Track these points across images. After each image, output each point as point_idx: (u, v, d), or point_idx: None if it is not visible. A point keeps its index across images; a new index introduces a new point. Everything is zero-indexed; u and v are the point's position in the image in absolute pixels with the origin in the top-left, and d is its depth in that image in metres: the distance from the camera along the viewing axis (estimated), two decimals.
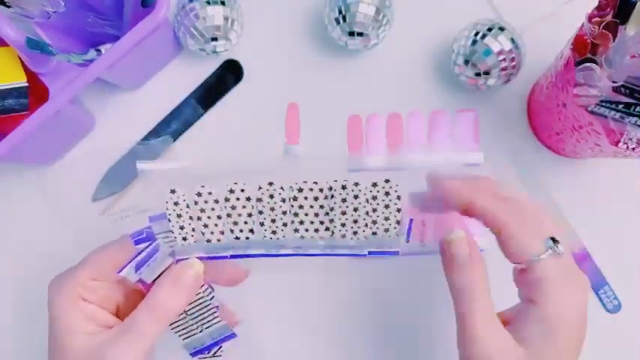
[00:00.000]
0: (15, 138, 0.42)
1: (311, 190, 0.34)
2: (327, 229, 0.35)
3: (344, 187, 0.34)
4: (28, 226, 0.51)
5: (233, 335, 0.38)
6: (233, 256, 0.36)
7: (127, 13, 0.45)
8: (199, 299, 0.37)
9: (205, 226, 0.35)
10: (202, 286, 0.37)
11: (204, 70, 0.52)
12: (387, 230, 0.34)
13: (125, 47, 0.42)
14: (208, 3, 0.47)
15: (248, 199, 0.35)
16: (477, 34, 0.47)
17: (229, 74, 0.52)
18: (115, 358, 0.32)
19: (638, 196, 0.50)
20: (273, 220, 0.35)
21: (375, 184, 0.34)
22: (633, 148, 0.38)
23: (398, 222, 0.34)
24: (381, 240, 0.34)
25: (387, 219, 0.34)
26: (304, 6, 0.53)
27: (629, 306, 0.49)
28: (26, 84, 0.44)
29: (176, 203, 0.34)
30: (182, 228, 0.35)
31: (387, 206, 0.34)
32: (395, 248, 0.35)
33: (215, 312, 0.37)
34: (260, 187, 0.34)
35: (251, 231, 0.35)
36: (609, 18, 0.37)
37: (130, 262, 0.35)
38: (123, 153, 0.51)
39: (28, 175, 0.51)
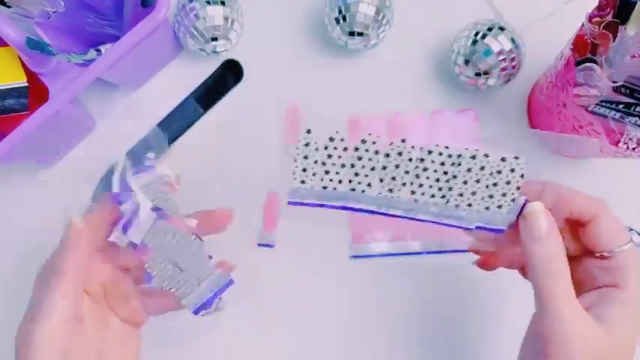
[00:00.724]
0: (15, 138, 0.42)
1: (440, 154, 0.34)
2: (443, 196, 0.34)
3: (473, 157, 0.34)
4: (28, 226, 0.51)
5: (231, 282, 0.37)
6: (344, 208, 0.35)
7: (127, 13, 0.45)
8: (191, 253, 0.35)
9: (327, 172, 0.35)
10: (193, 237, 0.35)
11: (204, 70, 0.52)
12: (500, 207, 0.34)
13: (125, 47, 0.42)
14: (208, 3, 0.47)
15: (377, 152, 0.34)
16: (477, 34, 0.47)
17: (229, 74, 0.52)
18: (30, 335, 0.31)
19: (638, 196, 0.50)
20: (394, 178, 0.34)
21: (504, 159, 0.34)
22: (633, 148, 0.38)
23: (513, 200, 0.34)
24: (491, 216, 0.34)
25: (504, 195, 0.34)
26: (304, 6, 0.53)
27: None
28: (26, 84, 0.44)
29: (307, 144, 0.35)
30: (304, 170, 0.35)
31: (508, 182, 0.34)
32: (501, 226, 0.34)
33: (206, 263, 0.36)
34: (392, 142, 0.34)
35: (369, 185, 0.35)
36: (609, 18, 0.37)
37: (116, 225, 0.35)
38: (123, 153, 0.51)
39: (28, 175, 0.51)
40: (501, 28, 0.46)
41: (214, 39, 0.48)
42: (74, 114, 0.48)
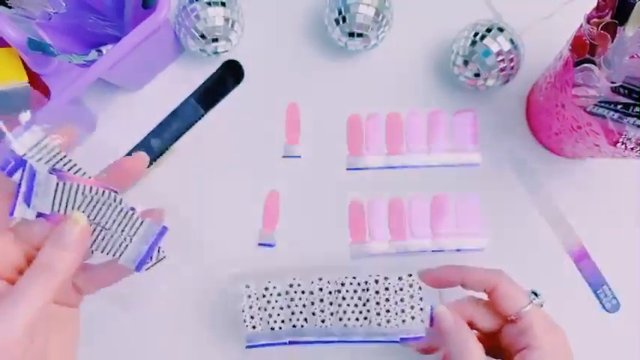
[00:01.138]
0: None
1: (351, 284, 0.41)
2: (365, 318, 0.41)
3: (376, 282, 0.41)
4: None
5: (164, 229, 0.34)
6: (291, 342, 0.42)
7: (127, 14, 0.46)
8: (109, 209, 0.32)
9: (270, 315, 0.42)
10: (107, 193, 0.32)
11: (205, 70, 0.52)
12: (413, 318, 0.40)
13: (126, 48, 0.43)
14: (209, 4, 0.47)
15: (303, 292, 0.42)
16: (476, 34, 0.47)
17: (230, 75, 0.52)
18: None
19: (637, 196, 0.51)
20: (322, 310, 0.42)
21: (400, 278, 0.41)
22: (632, 148, 0.38)
23: (421, 309, 0.40)
24: (409, 327, 0.40)
25: (412, 307, 0.40)
26: (304, 7, 0.53)
27: (627, 305, 0.49)
28: (27, 84, 0.44)
29: (249, 296, 0.42)
30: (252, 317, 0.42)
31: (411, 296, 0.40)
32: (420, 333, 0.40)
33: (133, 213, 0.33)
34: (312, 282, 0.42)
35: (305, 320, 0.42)
36: (608, 19, 0.37)
37: (16, 198, 0.30)
38: (123, 154, 0.51)
39: None
40: (500, 29, 0.47)
41: (215, 40, 0.48)
42: (75, 114, 0.48)
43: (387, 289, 0.41)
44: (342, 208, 0.51)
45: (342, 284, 0.41)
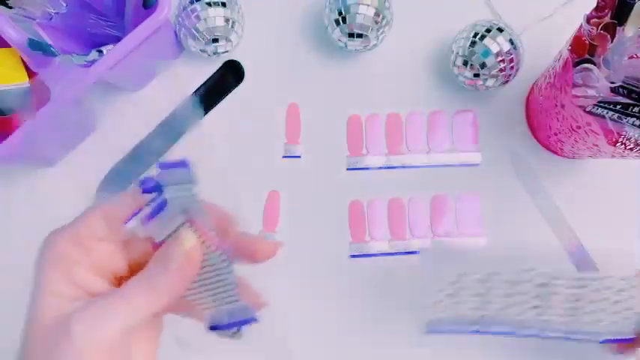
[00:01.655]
0: (16, 139, 0.42)
1: (566, 279, 0.38)
2: (571, 315, 0.38)
3: (595, 279, 0.38)
4: (28, 227, 0.51)
5: (252, 320, 0.33)
6: (478, 332, 0.39)
7: (128, 15, 0.46)
8: (215, 272, 0.32)
9: (458, 302, 0.39)
10: (222, 257, 0.32)
11: (205, 71, 0.52)
12: (626, 319, 0.37)
13: (126, 48, 0.43)
14: (209, 4, 0.47)
15: (505, 281, 0.38)
16: (475, 35, 0.47)
17: (230, 75, 0.52)
18: (81, 334, 0.26)
19: (636, 196, 0.51)
20: (523, 303, 0.38)
21: (624, 278, 0.37)
22: (631, 148, 0.39)
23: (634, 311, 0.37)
24: (619, 327, 0.37)
25: (628, 309, 0.37)
26: (304, 7, 0.53)
27: None
28: (28, 84, 0.44)
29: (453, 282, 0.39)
30: (440, 301, 0.39)
31: (632, 297, 0.37)
32: (629, 335, 0.37)
33: (232, 289, 0.32)
34: (518, 272, 0.39)
35: (499, 310, 0.39)
36: (607, 19, 0.37)
37: (136, 213, 0.30)
38: (124, 154, 0.51)
39: (30, 176, 0.52)
40: (500, 30, 0.47)
41: (215, 40, 0.48)
42: (75, 114, 0.48)
43: (608, 287, 0.37)
44: (342, 208, 0.51)
45: (556, 278, 0.38)
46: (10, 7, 0.41)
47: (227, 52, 0.50)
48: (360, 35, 0.48)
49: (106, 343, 0.26)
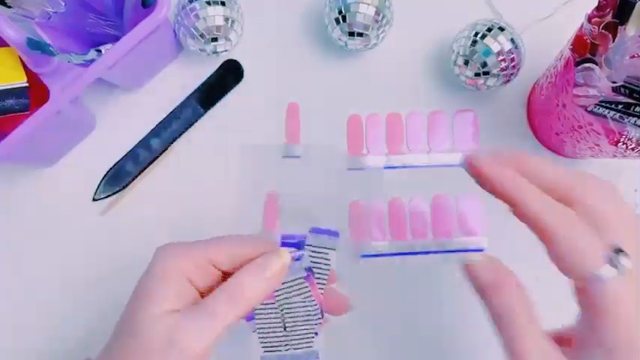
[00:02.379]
0: (15, 138, 0.42)
1: None
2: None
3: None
4: (28, 227, 0.51)
5: None
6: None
7: (127, 14, 0.45)
8: (305, 322, 0.35)
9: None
10: (317, 313, 0.35)
11: (205, 70, 0.52)
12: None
13: (125, 47, 0.42)
14: (209, 3, 0.47)
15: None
16: (476, 34, 0.47)
17: (229, 74, 0.52)
18: (184, 340, 0.29)
19: (637, 197, 0.50)
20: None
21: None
22: (633, 148, 0.38)
23: None
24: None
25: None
26: (304, 6, 0.53)
27: None
28: (26, 84, 0.44)
29: None
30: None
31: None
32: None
33: (313, 337, 0.36)
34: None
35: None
36: (609, 18, 0.37)
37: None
38: (123, 153, 0.51)
39: (29, 176, 0.51)
40: (501, 29, 0.46)
41: (214, 39, 0.48)
42: (75, 114, 0.48)
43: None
44: (342, 208, 0.51)
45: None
46: (9, 7, 0.41)
47: (226, 51, 0.50)
48: (360, 34, 0.48)
49: (203, 352, 0.30)
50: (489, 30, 0.46)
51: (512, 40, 0.46)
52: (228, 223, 0.50)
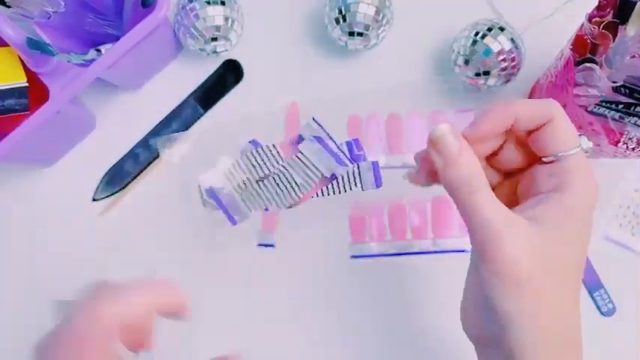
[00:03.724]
0: (15, 138, 0.42)
1: None
2: None
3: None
4: (28, 226, 0.51)
5: None
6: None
7: (127, 13, 0.45)
8: (282, 192, 0.34)
9: None
10: (296, 194, 0.34)
11: (204, 70, 0.52)
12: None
13: (125, 47, 0.42)
14: (208, 3, 0.47)
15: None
16: (477, 34, 0.47)
17: (229, 74, 0.52)
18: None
19: (636, 197, 0.50)
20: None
21: None
22: (633, 148, 0.38)
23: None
24: None
25: None
26: (304, 6, 0.53)
27: (623, 309, 0.49)
28: (26, 84, 0.44)
29: None
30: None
31: None
32: None
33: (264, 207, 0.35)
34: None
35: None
36: (609, 18, 0.37)
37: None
38: (123, 153, 0.51)
39: (28, 175, 0.51)
40: (501, 29, 0.46)
41: (214, 39, 0.48)
42: (74, 114, 0.48)
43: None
44: (343, 208, 0.51)
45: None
46: (9, 7, 0.41)
47: (226, 51, 0.50)
48: (360, 34, 0.48)
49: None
50: (490, 30, 0.46)
51: (512, 40, 0.46)
52: (228, 222, 0.50)
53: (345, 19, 0.47)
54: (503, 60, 0.46)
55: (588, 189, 0.32)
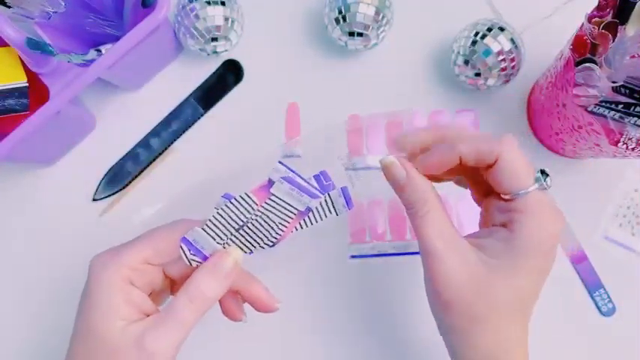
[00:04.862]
0: (15, 138, 0.42)
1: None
2: None
3: None
4: (28, 227, 0.51)
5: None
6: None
7: (127, 14, 0.45)
8: (264, 236, 0.35)
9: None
10: (278, 233, 0.35)
11: (205, 70, 0.52)
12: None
13: (125, 47, 0.42)
14: (208, 3, 0.47)
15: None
16: (476, 34, 0.47)
17: (229, 74, 0.52)
18: (154, 347, 0.31)
19: (636, 197, 0.50)
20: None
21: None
22: (633, 148, 0.38)
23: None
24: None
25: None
26: (304, 6, 0.53)
27: (623, 309, 0.49)
28: (26, 84, 0.44)
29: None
30: None
31: None
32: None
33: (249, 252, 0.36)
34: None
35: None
36: (609, 18, 0.37)
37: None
38: (123, 153, 0.51)
39: (28, 175, 0.52)
40: (501, 29, 0.46)
41: (214, 39, 0.48)
42: (74, 114, 0.48)
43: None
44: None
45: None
46: (9, 7, 0.41)
47: (226, 51, 0.50)
48: (360, 34, 0.48)
49: (172, 356, 0.32)
50: (489, 30, 0.46)
51: (512, 40, 0.46)
52: None
53: (345, 20, 0.47)
54: (503, 60, 0.46)
55: (542, 230, 0.32)
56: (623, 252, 0.50)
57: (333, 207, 0.36)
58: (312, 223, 0.36)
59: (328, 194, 0.35)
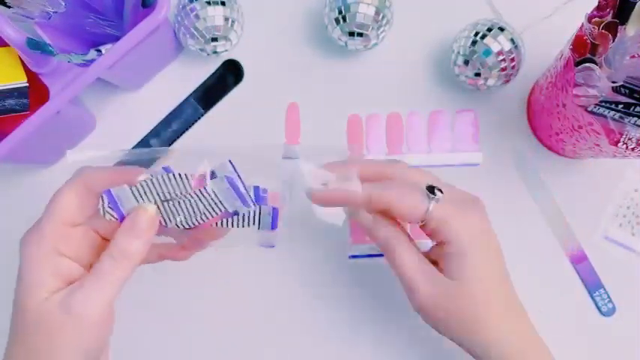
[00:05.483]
0: (15, 138, 0.42)
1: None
2: None
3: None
4: (28, 227, 0.51)
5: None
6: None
7: (127, 14, 0.45)
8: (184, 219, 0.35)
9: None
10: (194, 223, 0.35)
11: (205, 70, 0.52)
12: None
13: (125, 47, 0.42)
14: (209, 3, 0.47)
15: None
16: (476, 34, 0.47)
17: (229, 74, 0.52)
18: (79, 309, 0.31)
19: (636, 198, 0.50)
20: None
21: None
22: (633, 148, 0.38)
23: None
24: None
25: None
26: (304, 6, 0.53)
27: (623, 309, 0.49)
28: (26, 84, 0.44)
29: None
30: None
31: None
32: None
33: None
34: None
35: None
36: (609, 18, 0.37)
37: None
38: (123, 153, 0.51)
39: (29, 175, 0.52)
40: (501, 29, 0.46)
41: (214, 39, 0.48)
42: (74, 114, 0.48)
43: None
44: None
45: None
46: (9, 7, 0.41)
47: (226, 51, 0.50)
48: (360, 34, 0.48)
49: (100, 315, 0.32)
50: (489, 30, 0.46)
51: (512, 40, 0.46)
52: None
53: (345, 20, 0.47)
54: (503, 60, 0.46)
55: (463, 230, 0.35)
56: (623, 252, 0.50)
57: (259, 220, 0.37)
58: (232, 226, 0.37)
59: (260, 207, 0.37)
